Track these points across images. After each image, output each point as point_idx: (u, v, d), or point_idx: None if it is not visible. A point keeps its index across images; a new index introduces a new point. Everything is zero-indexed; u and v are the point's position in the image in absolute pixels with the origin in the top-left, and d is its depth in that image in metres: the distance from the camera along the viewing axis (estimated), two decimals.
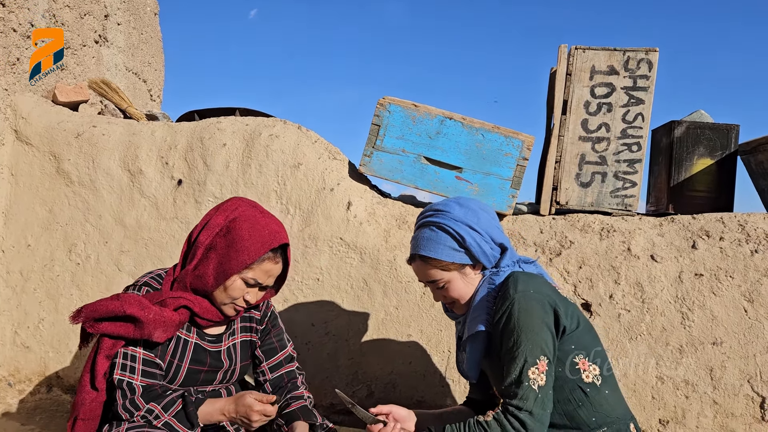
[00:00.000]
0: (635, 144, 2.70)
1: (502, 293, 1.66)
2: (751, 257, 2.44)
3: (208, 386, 1.93)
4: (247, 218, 1.80)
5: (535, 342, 1.58)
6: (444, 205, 1.77)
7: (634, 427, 1.70)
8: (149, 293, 1.81)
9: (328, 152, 2.83)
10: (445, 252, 1.71)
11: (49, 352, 2.84)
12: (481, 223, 1.72)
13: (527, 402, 1.55)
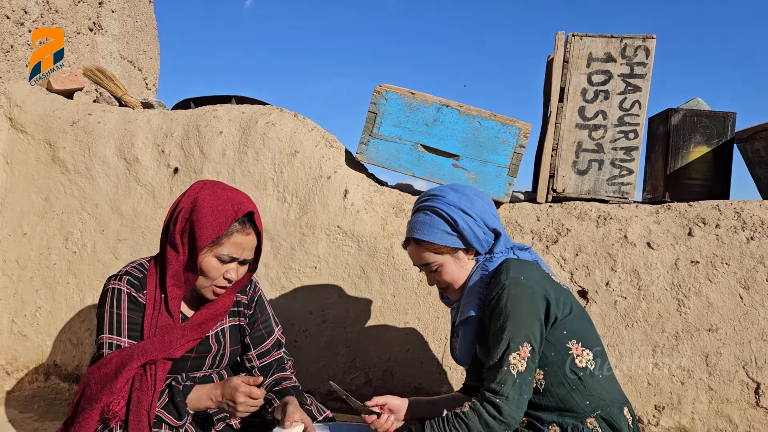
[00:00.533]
0: (632, 131, 2.70)
1: (495, 279, 1.68)
2: (747, 244, 2.45)
3: (197, 372, 1.92)
4: (208, 194, 1.76)
5: (520, 328, 1.59)
6: (439, 190, 1.79)
7: (629, 411, 1.71)
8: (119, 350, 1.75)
9: (325, 140, 2.83)
10: (438, 235, 1.73)
11: (47, 340, 2.84)
12: (475, 208, 1.74)
13: (504, 386, 1.56)
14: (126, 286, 1.80)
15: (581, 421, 1.63)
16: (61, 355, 2.83)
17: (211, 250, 1.75)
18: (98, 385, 1.68)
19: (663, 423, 2.43)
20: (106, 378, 1.67)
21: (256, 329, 2.03)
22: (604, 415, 1.65)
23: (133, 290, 1.80)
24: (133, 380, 1.69)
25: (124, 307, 1.78)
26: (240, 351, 2.04)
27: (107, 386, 1.66)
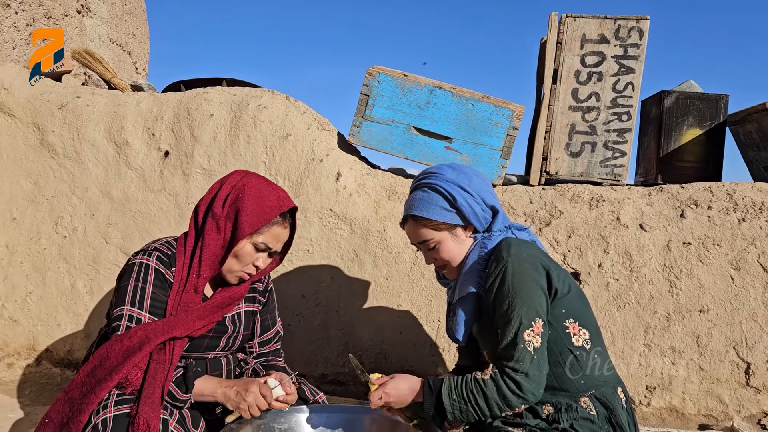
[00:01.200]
0: (625, 113, 2.69)
1: (495, 257, 1.67)
2: (739, 226, 2.46)
3: (210, 353, 1.94)
4: (254, 185, 1.83)
5: (529, 304, 1.58)
6: (437, 168, 1.79)
7: (622, 391, 1.71)
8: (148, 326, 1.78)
9: (317, 123, 2.81)
10: (437, 212, 1.72)
11: (38, 325, 2.82)
12: (473, 185, 1.73)
13: (523, 364, 1.55)
14: (155, 261, 1.83)
15: (575, 401, 1.64)
16: (52, 341, 2.81)
17: (251, 237, 1.81)
18: (120, 357, 1.70)
19: (654, 403, 2.45)
20: (129, 351, 1.70)
21: (264, 318, 2.08)
22: (597, 395, 1.65)
23: (162, 267, 1.83)
24: (150, 353, 1.73)
25: (150, 282, 1.81)
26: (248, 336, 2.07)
27: (130, 359, 1.69)
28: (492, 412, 1.57)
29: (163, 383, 1.71)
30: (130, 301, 1.80)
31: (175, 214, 2.78)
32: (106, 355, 1.73)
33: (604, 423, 1.62)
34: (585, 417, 1.62)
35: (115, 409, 1.65)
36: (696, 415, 2.41)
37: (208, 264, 1.84)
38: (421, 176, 1.81)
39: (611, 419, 1.63)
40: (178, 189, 2.78)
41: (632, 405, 2.43)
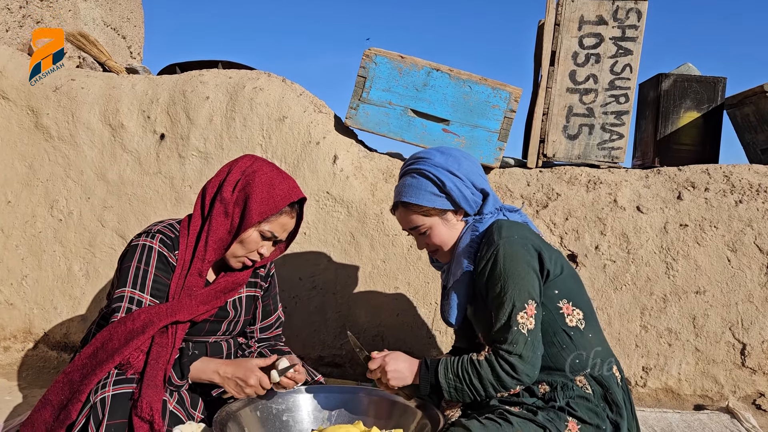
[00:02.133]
0: (623, 95, 2.68)
1: (487, 240, 1.67)
2: (736, 207, 2.46)
3: (210, 337, 1.94)
4: (266, 172, 1.83)
5: (522, 286, 1.58)
6: (425, 153, 1.79)
7: (617, 370, 1.72)
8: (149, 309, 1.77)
9: (314, 105, 2.79)
10: (426, 197, 1.71)
11: (34, 309, 2.82)
12: (462, 168, 1.73)
13: (517, 346, 1.55)
14: (158, 244, 1.83)
15: (570, 380, 1.64)
16: (48, 324, 2.81)
17: (258, 225, 1.81)
18: (122, 339, 1.70)
19: (650, 384, 2.46)
20: (132, 333, 1.70)
21: (266, 303, 2.09)
22: (593, 374, 1.66)
23: (165, 249, 1.83)
24: (153, 336, 1.73)
25: (153, 264, 1.81)
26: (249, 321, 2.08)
27: (133, 341, 1.69)
28: (487, 392, 1.58)
29: (165, 366, 1.71)
30: (131, 282, 1.79)
31: (171, 197, 2.76)
32: (109, 337, 1.72)
33: (600, 401, 1.63)
34: (581, 395, 1.62)
35: (114, 388, 1.65)
36: (691, 395, 2.43)
37: (214, 249, 1.84)
38: (410, 161, 1.80)
39: (607, 397, 1.64)
40: (174, 172, 2.77)
41: (628, 385, 2.44)
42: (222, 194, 1.83)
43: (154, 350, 1.73)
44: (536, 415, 1.59)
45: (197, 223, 1.88)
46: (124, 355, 1.69)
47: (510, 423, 1.55)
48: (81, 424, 1.64)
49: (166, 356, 1.73)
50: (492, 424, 1.54)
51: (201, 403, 1.88)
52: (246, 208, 1.80)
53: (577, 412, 1.60)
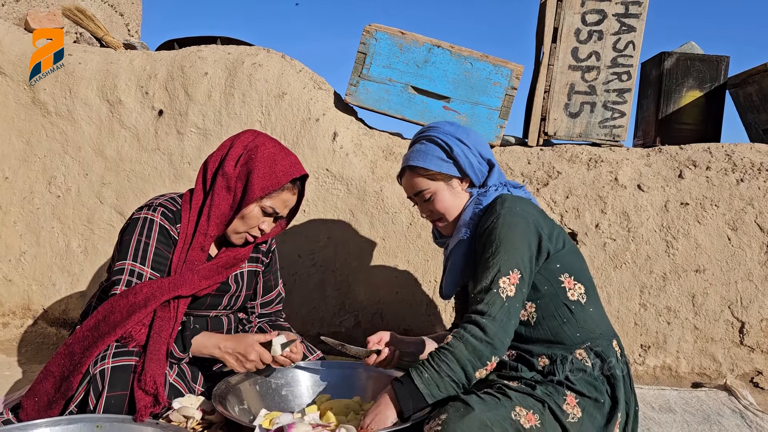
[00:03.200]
0: (625, 73, 2.66)
1: (489, 211, 1.67)
2: (737, 186, 2.45)
3: (212, 311, 1.95)
4: (268, 148, 1.82)
5: (511, 254, 1.58)
6: (435, 123, 1.82)
7: (617, 344, 1.72)
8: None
9: (313, 82, 2.77)
10: (434, 162, 1.73)
11: (32, 285, 2.81)
12: (470, 138, 1.75)
13: (492, 307, 1.54)
14: (160, 217, 1.82)
15: (570, 352, 1.64)
16: (47, 301, 2.81)
17: (260, 201, 1.81)
18: (125, 312, 1.70)
19: (648, 362, 2.46)
20: (134, 307, 1.70)
21: (266, 279, 2.09)
22: (593, 347, 1.66)
23: (166, 223, 1.83)
24: (155, 310, 1.73)
25: (154, 237, 1.80)
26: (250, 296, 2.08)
27: (135, 315, 1.69)
28: (467, 373, 1.52)
29: (168, 340, 1.72)
30: (132, 255, 1.79)
31: (170, 173, 2.75)
32: (111, 310, 1.72)
33: (598, 374, 1.63)
34: (580, 368, 1.62)
35: (113, 360, 1.65)
36: (689, 373, 2.43)
37: (216, 223, 1.84)
38: (420, 131, 1.83)
39: (605, 371, 1.64)
40: (173, 148, 2.75)
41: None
42: (224, 169, 1.82)
43: (156, 324, 1.73)
44: (535, 390, 1.58)
45: (199, 198, 1.87)
46: (125, 328, 1.69)
47: (509, 397, 1.54)
48: (80, 396, 1.65)
49: (169, 330, 1.74)
50: (491, 399, 1.53)
51: (201, 377, 1.89)
52: (248, 183, 1.79)
53: (575, 385, 1.59)
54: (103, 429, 1.54)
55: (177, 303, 1.79)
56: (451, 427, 1.46)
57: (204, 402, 1.71)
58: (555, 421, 1.55)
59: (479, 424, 1.48)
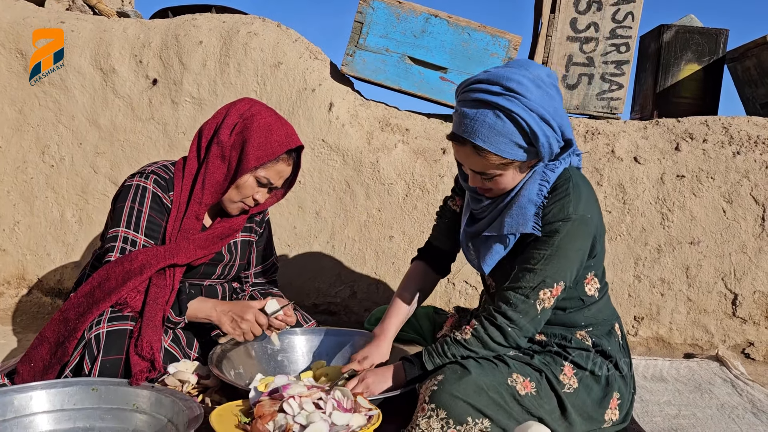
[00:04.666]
0: (624, 44, 2.64)
1: (560, 202, 1.51)
2: (733, 159, 2.45)
3: (206, 280, 1.95)
4: (264, 117, 1.80)
5: (562, 266, 1.51)
6: (517, 79, 1.40)
7: (618, 327, 1.72)
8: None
9: (309, 52, 2.74)
10: (509, 148, 1.43)
11: (27, 255, 2.80)
12: (558, 111, 1.44)
13: (523, 318, 1.52)
14: (152, 185, 1.81)
15: (571, 332, 1.64)
16: (42, 270, 2.80)
17: (254, 171, 1.79)
18: (120, 279, 1.70)
19: (641, 333, 2.48)
20: (129, 274, 1.70)
21: (260, 249, 2.09)
22: (595, 332, 1.66)
23: (159, 190, 1.82)
24: (150, 277, 1.73)
25: (147, 205, 1.79)
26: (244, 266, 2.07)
27: (130, 282, 1.69)
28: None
29: (164, 307, 1.72)
30: (125, 222, 1.79)
31: (165, 143, 2.73)
32: (106, 276, 1.72)
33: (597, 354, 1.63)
34: (579, 347, 1.62)
35: (108, 325, 1.65)
36: (682, 344, 2.46)
37: (211, 192, 1.83)
38: (494, 87, 1.40)
39: (604, 351, 1.64)
40: (167, 118, 2.73)
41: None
42: (219, 137, 1.80)
43: (152, 291, 1.73)
44: (532, 359, 1.59)
45: (193, 166, 1.86)
46: (120, 294, 1.69)
47: (506, 364, 1.55)
48: (75, 361, 1.65)
49: (165, 297, 1.74)
50: (488, 364, 1.54)
51: (196, 344, 1.89)
52: (243, 152, 1.77)
53: (573, 357, 1.60)
54: (99, 392, 1.55)
55: (173, 271, 1.79)
56: (447, 387, 1.48)
57: (199, 367, 1.72)
58: (551, 390, 1.56)
59: (475, 387, 1.49)
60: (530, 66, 1.46)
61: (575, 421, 1.57)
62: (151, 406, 1.52)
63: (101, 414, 1.54)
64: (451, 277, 2.59)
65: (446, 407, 1.47)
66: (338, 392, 1.38)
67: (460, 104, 1.49)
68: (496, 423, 1.49)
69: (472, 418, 1.48)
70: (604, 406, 1.61)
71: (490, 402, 1.49)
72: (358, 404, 1.38)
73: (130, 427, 1.52)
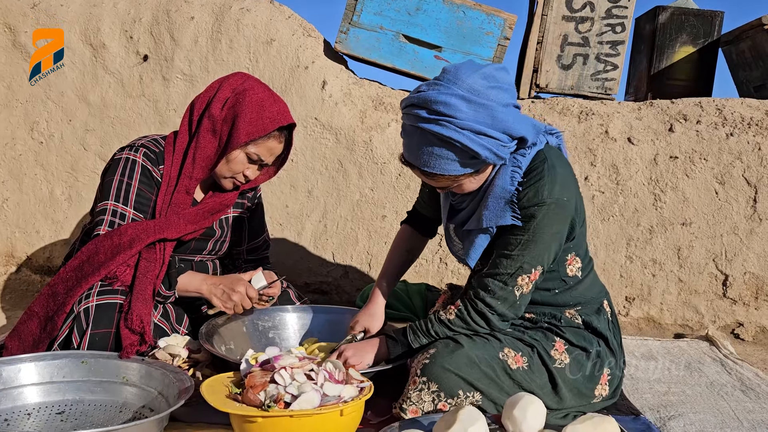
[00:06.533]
0: (619, 24, 2.63)
1: (533, 183, 1.49)
2: (726, 140, 2.45)
3: (196, 255, 1.93)
4: (257, 93, 1.78)
5: (540, 251, 1.51)
6: (443, 100, 1.39)
7: (607, 304, 1.72)
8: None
9: (303, 29, 2.71)
10: (454, 167, 1.44)
11: (16, 232, 2.77)
12: (497, 119, 1.40)
13: (503, 304, 1.53)
14: (142, 158, 1.79)
15: (560, 311, 1.64)
16: (31, 248, 2.78)
17: (245, 147, 1.77)
18: (109, 253, 1.68)
19: (632, 313, 2.49)
20: (119, 247, 1.68)
21: (252, 225, 2.07)
22: (583, 311, 1.66)
23: (149, 163, 1.80)
24: (140, 252, 1.71)
25: (136, 178, 1.78)
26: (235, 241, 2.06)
27: (120, 256, 1.67)
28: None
29: (154, 281, 1.71)
30: (114, 195, 1.77)
31: (155, 120, 2.70)
32: (95, 250, 1.70)
33: (586, 330, 1.64)
34: (570, 324, 1.63)
35: (98, 298, 1.64)
36: (672, 324, 2.47)
37: (202, 166, 1.81)
38: (426, 115, 1.40)
39: (594, 329, 1.64)
40: (158, 95, 2.69)
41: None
42: (211, 111, 1.78)
43: (142, 265, 1.72)
44: (524, 334, 1.60)
45: (184, 140, 1.84)
46: (110, 268, 1.68)
47: (498, 339, 1.56)
48: (64, 335, 1.64)
49: (155, 271, 1.72)
50: (481, 340, 1.55)
51: (186, 319, 1.88)
52: (234, 127, 1.75)
53: (564, 333, 1.60)
54: (88, 365, 1.54)
55: (163, 245, 1.78)
56: (439, 360, 1.48)
57: (190, 341, 1.71)
58: (542, 365, 1.57)
59: (467, 360, 1.50)
60: (461, 76, 1.41)
61: (566, 396, 1.58)
62: (141, 379, 1.51)
63: (91, 387, 1.53)
64: (444, 257, 2.59)
65: (438, 380, 1.48)
66: (330, 364, 1.37)
67: (402, 127, 1.51)
68: (487, 396, 1.51)
69: (463, 391, 1.49)
70: (594, 381, 1.62)
71: (481, 375, 1.50)
72: (349, 376, 1.37)
73: (119, 399, 1.51)
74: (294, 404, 1.24)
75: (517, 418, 1.23)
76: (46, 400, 1.49)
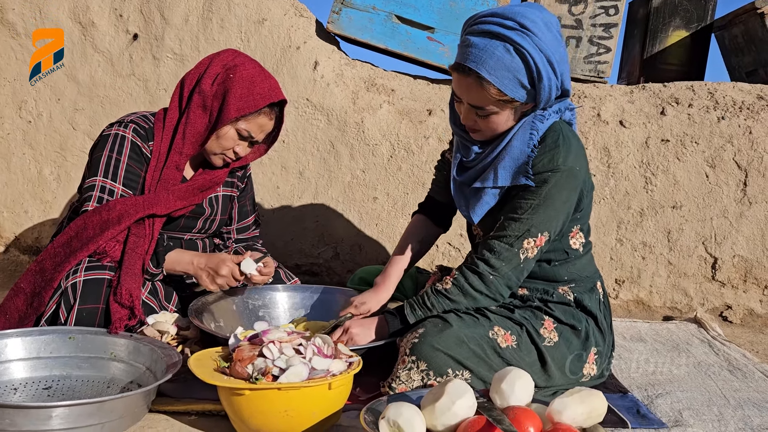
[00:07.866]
0: (612, 7, 2.62)
1: (549, 153, 1.50)
2: (718, 124, 2.46)
3: (186, 234, 1.92)
4: (247, 69, 1.76)
5: (549, 215, 1.50)
6: (531, 17, 1.38)
7: (600, 286, 1.73)
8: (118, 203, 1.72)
9: (295, 9, 2.68)
10: (512, 84, 1.42)
11: (4, 212, 2.75)
12: (562, 59, 1.44)
13: (506, 265, 1.52)
14: (131, 134, 1.78)
15: (553, 287, 1.64)
16: (19, 228, 2.75)
17: (235, 123, 1.76)
18: (97, 228, 1.67)
19: (622, 296, 2.50)
20: (107, 223, 1.67)
21: (242, 204, 2.06)
22: (576, 288, 1.66)
23: (138, 140, 1.79)
24: (129, 227, 1.70)
25: (126, 154, 1.76)
26: (225, 221, 2.05)
27: (108, 231, 1.66)
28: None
29: (144, 256, 1.71)
30: (103, 171, 1.76)
31: (146, 100, 2.67)
32: (83, 226, 1.69)
33: (576, 308, 1.64)
34: (561, 301, 1.63)
35: (86, 274, 1.63)
36: (661, 307, 2.48)
37: (192, 142, 1.80)
38: (508, 21, 1.38)
39: (585, 307, 1.65)
40: (148, 74, 2.67)
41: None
42: (201, 86, 1.77)
43: (131, 240, 1.71)
44: (513, 313, 1.59)
45: (174, 116, 1.83)
46: (98, 244, 1.67)
47: (487, 318, 1.55)
48: (51, 310, 1.62)
49: (144, 246, 1.72)
50: (469, 318, 1.54)
51: (175, 297, 1.87)
52: (224, 102, 1.74)
53: (554, 312, 1.60)
54: (76, 340, 1.53)
55: (152, 221, 1.77)
56: (428, 339, 1.48)
57: (179, 318, 1.70)
58: (531, 344, 1.57)
59: (456, 339, 1.49)
60: (542, 9, 1.45)
61: (554, 374, 1.58)
62: (129, 355, 1.50)
63: (78, 362, 1.52)
64: None
65: (427, 359, 1.48)
66: (318, 339, 1.37)
67: (468, 35, 1.45)
68: (476, 375, 1.51)
69: (452, 369, 1.49)
70: (582, 360, 1.62)
71: (470, 354, 1.50)
72: (338, 351, 1.37)
73: (107, 375, 1.50)
74: (282, 377, 1.24)
75: (505, 391, 1.23)
76: (33, 376, 1.48)
